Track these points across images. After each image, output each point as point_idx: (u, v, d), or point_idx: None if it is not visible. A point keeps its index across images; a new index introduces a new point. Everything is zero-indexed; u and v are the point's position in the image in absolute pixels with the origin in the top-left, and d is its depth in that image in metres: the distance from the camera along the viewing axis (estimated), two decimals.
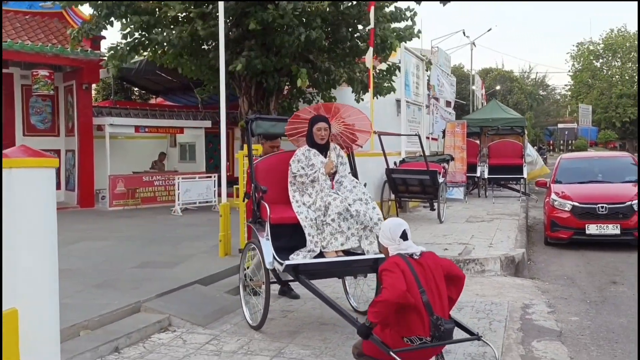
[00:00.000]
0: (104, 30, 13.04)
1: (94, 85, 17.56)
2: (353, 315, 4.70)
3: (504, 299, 6.41)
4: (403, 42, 14.13)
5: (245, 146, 7.76)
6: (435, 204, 11.51)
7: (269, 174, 5.60)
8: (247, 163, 7.44)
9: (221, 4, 8.86)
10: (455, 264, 4.13)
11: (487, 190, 16.99)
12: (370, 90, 11.72)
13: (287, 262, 4.93)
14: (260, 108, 15.33)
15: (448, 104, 24.16)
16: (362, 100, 14.58)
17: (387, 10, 13.32)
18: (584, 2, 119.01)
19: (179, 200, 13.50)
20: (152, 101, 23.15)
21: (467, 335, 3.83)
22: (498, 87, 56.30)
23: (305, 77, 13.63)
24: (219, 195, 14.25)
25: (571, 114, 69.62)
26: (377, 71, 13.86)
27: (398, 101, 17.37)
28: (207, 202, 14.05)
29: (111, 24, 12.68)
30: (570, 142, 57.99)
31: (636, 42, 64.84)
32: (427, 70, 17.69)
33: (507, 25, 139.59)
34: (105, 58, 13.15)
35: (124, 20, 12.24)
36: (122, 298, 5.88)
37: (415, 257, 3.65)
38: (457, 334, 3.70)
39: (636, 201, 9.22)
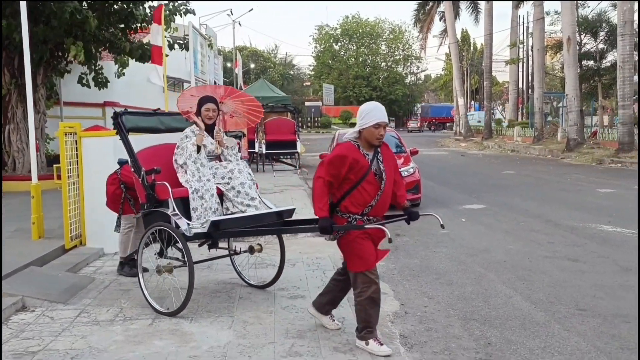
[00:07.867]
0: None
1: None
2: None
3: (324, 254, 7.53)
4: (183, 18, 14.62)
5: (61, 124, 7.64)
6: None
7: (151, 163, 5.52)
8: (70, 141, 7.39)
9: None
10: None
11: (266, 165, 18.26)
12: (165, 67, 11.89)
13: (212, 218, 5.15)
14: (24, 81, 14.25)
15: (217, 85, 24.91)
16: (124, 75, 14.70)
17: None
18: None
19: None
20: None
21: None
22: (252, 66, 58.66)
23: (81, 51, 13.20)
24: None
25: (315, 92, 75.66)
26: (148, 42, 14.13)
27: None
28: None
29: None
30: (316, 119, 63.10)
31: (368, 29, 73.03)
32: (210, 48, 18.20)
33: (262, 7, 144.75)
34: None
35: None
36: None
37: None
38: None
39: (404, 168, 11.18)
